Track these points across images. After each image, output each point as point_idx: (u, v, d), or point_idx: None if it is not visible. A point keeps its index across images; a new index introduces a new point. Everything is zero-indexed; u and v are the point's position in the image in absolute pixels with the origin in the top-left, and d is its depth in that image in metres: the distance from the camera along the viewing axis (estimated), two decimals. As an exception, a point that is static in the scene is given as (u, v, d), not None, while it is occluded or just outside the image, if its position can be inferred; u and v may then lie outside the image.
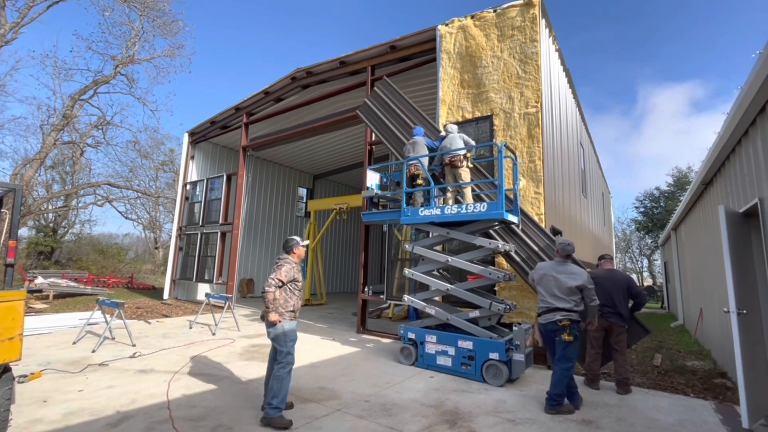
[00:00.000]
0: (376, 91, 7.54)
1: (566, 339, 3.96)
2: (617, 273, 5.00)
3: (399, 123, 7.10)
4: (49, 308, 10.14)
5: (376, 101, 7.47)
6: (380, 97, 7.42)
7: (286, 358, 3.59)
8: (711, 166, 5.83)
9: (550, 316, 4.09)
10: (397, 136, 7.02)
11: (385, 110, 7.32)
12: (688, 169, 24.47)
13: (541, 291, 4.26)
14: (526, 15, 6.70)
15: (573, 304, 4.05)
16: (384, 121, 7.26)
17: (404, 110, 7.14)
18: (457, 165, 5.90)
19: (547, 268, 4.32)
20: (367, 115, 7.54)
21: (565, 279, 4.11)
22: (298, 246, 3.83)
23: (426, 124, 6.82)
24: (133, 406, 3.81)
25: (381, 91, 7.46)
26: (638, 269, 36.18)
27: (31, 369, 4.80)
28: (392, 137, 7.09)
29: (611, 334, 4.79)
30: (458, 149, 5.78)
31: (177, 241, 13.13)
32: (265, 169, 16.01)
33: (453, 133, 6.07)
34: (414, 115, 7.03)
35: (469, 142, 5.96)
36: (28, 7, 15.99)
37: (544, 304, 4.19)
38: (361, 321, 8.11)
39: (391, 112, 7.24)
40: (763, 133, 3.94)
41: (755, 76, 3.50)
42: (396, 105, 7.23)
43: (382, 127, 7.28)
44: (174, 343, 6.60)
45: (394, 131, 7.10)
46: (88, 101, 18.99)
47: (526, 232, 5.92)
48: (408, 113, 7.09)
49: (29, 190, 17.61)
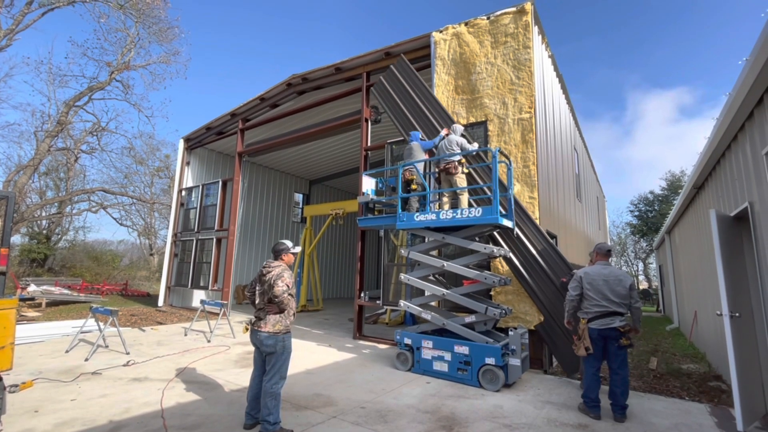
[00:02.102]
0: (392, 70, 7.46)
1: (625, 343, 3.99)
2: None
3: (413, 108, 7.01)
4: (42, 316, 10.01)
5: (391, 81, 7.33)
6: (396, 78, 7.27)
7: (284, 372, 3.48)
8: (702, 171, 5.91)
9: (608, 321, 4.05)
10: (410, 122, 6.97)
11: (400, 92, 7.22)
12: (681, 173, 24.72)
13: (593, 296, 4.15)
14: (519, 22, 6.79)
15: (626, 308, 4.09)
16: (397, 103, 7.18)
17: (420, 95, 7.07)
18: (452, 172, 5.83)
19: (595, 272, 4.23)
20: (381, 94, 7.40)
21: (616, 283, 4.13)
22: (288, 252, 3.69)
23: (441, 113, 6.79)
24: (127, 415, 3.77)
25: (397, 71, 7.33)
26: (634, 273, 36.37)
27: (23, 378, 4.73)
28: (405, 121, 7.03)
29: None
30: (453, 154, 5.78)
31: (172, 248, 13.05)
32: (261, 174, 16.00)
33: (452, 135, 6.01)
34: (429, 102, 6.97)
35: (465, 147, 5.91)
36: (23, 14, 15.97)
37: (599, 308, 4.10)
38: (358, 327, 8.08)
39: (406, 95, 7.13)
40: (751, 138, 4.01)
41: (742, 83, 3.57)
42: (412, 88, 7.13)
43: (395, 110, 7.19)
44: (168, 351, 6.54)
45: (407, 115, 7.02)
46: (82, 107, 18.95)
47: (526, 234, 5.96)
48: (423, 99, 7.03)
49: (22, 197, 17.46)
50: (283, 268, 3.58)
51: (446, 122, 6.79)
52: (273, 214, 16.47)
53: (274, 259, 3.67)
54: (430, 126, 7.07)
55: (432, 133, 6.96)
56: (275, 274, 3.49)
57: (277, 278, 3.46)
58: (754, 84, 3.47)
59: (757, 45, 3.16)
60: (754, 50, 3.26)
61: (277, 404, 3.39)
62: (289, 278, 3.51)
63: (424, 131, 7.07)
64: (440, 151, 6.05)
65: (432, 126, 7.06)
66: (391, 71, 7.49)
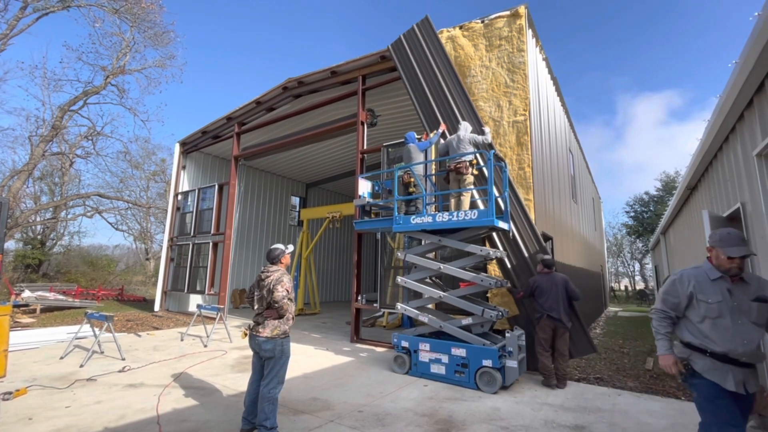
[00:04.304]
0: (414, 31, 6.95)
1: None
2: (556, 275, 5.29)
3: (431, 79, 6.61)
4: (36, 322, 9.92)
5: (412, 42, 6.81)
6: (418, 41, 6.74)
7: (282, 377, 3.47)
8: (695, 172, 5.97)
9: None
10: (425, 93, 6.60)
11: (420, 59, 6.76)
12: (676, 173, 24.96)
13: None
14: (513, 25, 6.84)
15: None
16: (415, 69, 6.76)
17: (440, 68, 6.71)
18: (463, 172, 5.63)
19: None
20: (398, 55, 6.95)
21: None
22: (284, 254, 3.69)
23: (460, 95, 6.55)
24: (122, 422, 3.74)
25: (420, 33, 6.81)
26: (630, 273, 36.54)
27: (17, 385, 4.68)
28: (419, 91, 6.67)
29: (557, 334, 5.16)
30: (465, 154, 5.64)
31: (168, 252, 12.99)
32: (258, 178, 15.98)
33: (462, 133, 5.86)
34: (450, 79, 6.63)
35: (478, 143, 5.75)
36: (17, 18, 15.91)
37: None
38: (355, 330, 8.07)
39: (426, 62, 6.69)
40: (742, 140, 4.06)
41: (732, 85, 3.61)
42: (435, 61, 6.70)
43: (411, 76, 6.78)
44: (164, 356, 6.50)
45: (423, 86, 6.63)
46: (77, 112, 18.86)
47: (522, 237, 5.99)
48: (444, 73, 6.69)
49: (17, 202, 17.33)
50: (282, 272, 3.57)
51: (463, 104, 6.52)
52: (270, 217, 16.44)
53: (272, 264, 3.65)
54: (446, 104, 6.74)
55: (446, 112, 6.65)
56: (274, 279, 3.48)
57: (277, 283, 3.45)
58: (744, 86, 3.52)
59: (747, 47, 3.21)
60: (743, 53, 3.31)
61: (274, 409, 3.38)
62: (288, 283, 3.50)
63: (438, 108, 6.80)
64: (451, 149, 5.91)
65: (448, 104, 6.72)
66: (413, 33, 6.94)
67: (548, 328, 5.15)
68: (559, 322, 5.08)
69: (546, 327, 5.16)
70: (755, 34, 3.04)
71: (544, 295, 5.17)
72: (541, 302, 5.20)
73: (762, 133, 3.49)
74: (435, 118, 7.05)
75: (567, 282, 5.25)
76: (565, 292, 5.18)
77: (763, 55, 3.12)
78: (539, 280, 5.28)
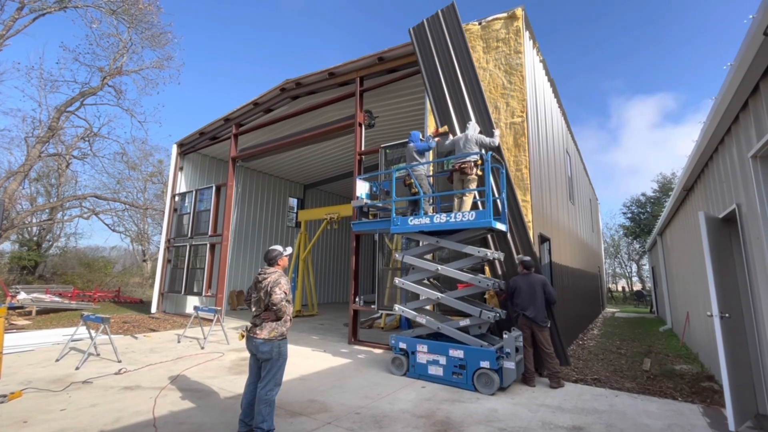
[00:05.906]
0: (438, 17, 6.72)
1: None
2: (534, 276, 5.33)
3: (448, 70, 6.47)
4: (32, 325, 9.86)
5: (434, 29, 6.61)
6: (440, 28, 6.51)
7: (279, 379, 3.46)
8: (691, 174, 5.99)
9: None
10: (440, 84, 6.50)
11: (440, 47, 6.52)
12: (672, 175, 25.08)
13: None
14: (510, 27, 6.87)
15: None
16: (433, 56, 6.61)
17: (461, 63, 6.55)
18: (468, 173, 5.59)
19: None
20: (418, 39, 6.79)
21: None
22: (282, 256, 3.67)
23: (476, 92, 6.46)
24: (118, 425, 3.71)
25: (444, 20, 6.57)
26: (627, 274, 36.65)
27: (12, 388, 4.65)
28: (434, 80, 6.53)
29: (536, 333, 5.18)
30: (470, 154, 5.62)
31: (165, 254, 12.94)
32: (255, 179, 15.95)
33: (470, 132, 5.81)
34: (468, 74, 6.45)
35: (485, 144, 5.70)
36: (13, 19, 15.85)
37: None
38: (353, 332, 8.05)
39: (445, 51, 6.43)
40: (738, 142, 4.08)
41: (728, 87, 3.63)
42: (455, 52, 6.48)
43: (429, 64, 6.66)
44: (161, 358, 6.47)
45: (438, 75, 6.48)
46: (74, 113, 18.81)
47: (515, 240, 5.99)
48: (462, 67, 6.56)
49: (12, 203, 17.22)
50: (279, 274, 3.56)
51: (478, 102, 6.43)
52: (267, 218, 16.40)
53: (269, 266, 3.63)
54: (460, 99, 6.62)
55: (458, 107, 6.57)
56: (272, 281, 3.47)
57: (275, 285, 3.44)
58: (739, 88, 3.54)
59: (741, 50, 3.23)
60: (738, 55, 3.33)
61: (271, 411, 3.37)
62: (286, 285, 3.49)
63: (452, 101, 6.71)
64: (457, 149, 5.90)
65: (462, 99, 6.60)
66: (437, 19, 6.74)
67: (525, 327, 5.24)
68: (534, 322, 5.15)
69: (523, 326, 5.25)
70: (750, 36, 3.06)
71: (521, 295, 5.24)
72: (518, 302, 5.27)
73: (757, 135, 3.51)
74: (447, 111, 6.87)
75: (545, 283, 5.30)
76: (543, 292, 5.23)
77: (757, 58, 3.14)
78: (518, 281, 5.34)
